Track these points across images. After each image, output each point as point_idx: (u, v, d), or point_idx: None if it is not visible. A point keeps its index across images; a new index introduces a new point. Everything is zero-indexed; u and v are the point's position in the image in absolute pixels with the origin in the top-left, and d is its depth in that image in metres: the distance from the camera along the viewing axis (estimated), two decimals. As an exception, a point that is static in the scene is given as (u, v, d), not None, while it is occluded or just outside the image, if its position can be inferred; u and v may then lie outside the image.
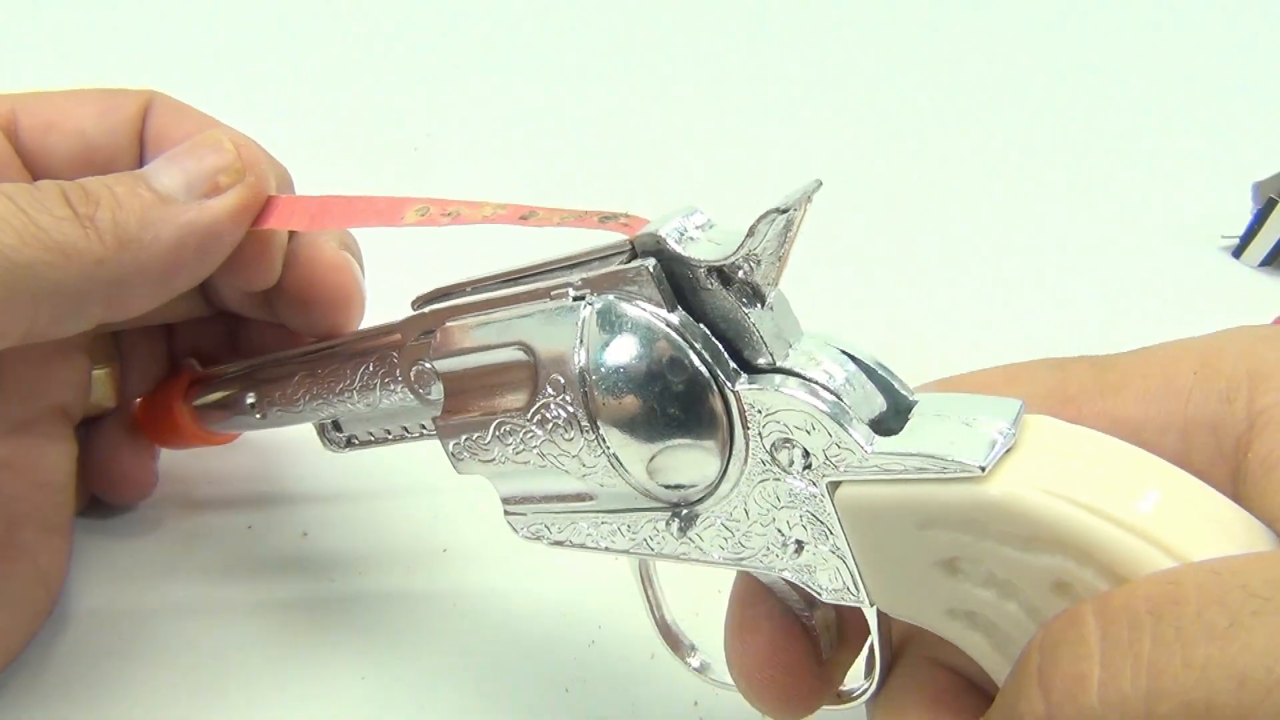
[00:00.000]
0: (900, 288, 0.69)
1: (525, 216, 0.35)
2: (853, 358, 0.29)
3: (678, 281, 0.30)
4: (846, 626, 0.35)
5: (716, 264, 0.29)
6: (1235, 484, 0.27)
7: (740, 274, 0.29)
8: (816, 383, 0.28)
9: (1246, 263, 0.72)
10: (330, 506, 0.51)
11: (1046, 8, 1.11)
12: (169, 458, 0.51)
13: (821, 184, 0.27)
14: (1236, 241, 0.73)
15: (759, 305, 0.29)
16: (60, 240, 0.35)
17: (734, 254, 0.28)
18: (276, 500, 0.52)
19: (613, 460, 0.31)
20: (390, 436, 0.43)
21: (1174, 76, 0.97)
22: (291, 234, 0.43)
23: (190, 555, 0.49)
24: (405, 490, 0.51)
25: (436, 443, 0.36)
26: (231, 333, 0.49)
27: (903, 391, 0.29)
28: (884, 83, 0.96)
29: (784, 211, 0.27)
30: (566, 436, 0.32)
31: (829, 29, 1.06)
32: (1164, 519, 0.25)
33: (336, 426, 0.44)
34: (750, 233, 0.27)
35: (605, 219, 0.33)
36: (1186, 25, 1.07)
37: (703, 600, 0.41)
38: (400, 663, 0.44)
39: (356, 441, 0.44)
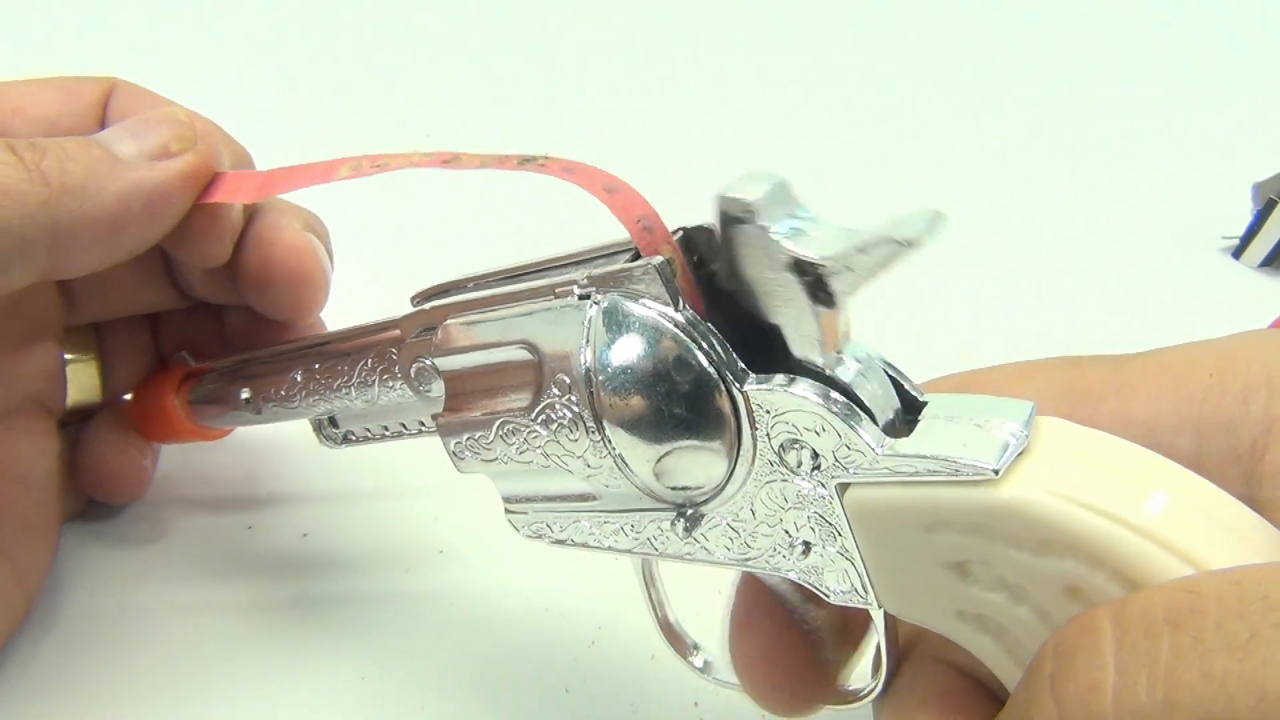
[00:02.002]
0: (899, 287, 0.68)
1: (448, 160, 0.35)
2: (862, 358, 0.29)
3: (703, 256, 0.30)
4: (851, 623, 0.34)
5: (811, 260, 0.27)
6: (1249, 487, 0.27)
7: (819, 275, 0.27)
8: (829, 382, 0.28)
9: (1246, 263, 0.72)
10: (331, 507, 0.51)
11: (1047, 8, 1.11)
12: (170, 459, 0.51)
13: (946, 219, 0.25)
14: (1237, 242, 0.72)
15: (828, 306, 0.28)
16: (2, 181, 0.35)
17: (833, 257, 0.27)
18: (277, 500, 0.51)
19: (618, 461, 0.31)
20: (388, 433, 0.42)
21: (1174, 77, 0.97)
22: (254, 216, 0.43)
23: (190, 555, 0.48)
24: (406, 490, 0.51)
25: (438, 442, 0.36)
26: (218, 326, 0.49)
27: (912, 392, 0.29)
28: (884, 83, 0.96)
29: (908, 245, 0.25)
30: (571, 437, 0.31)
31: (831, 29, 1.06)
32: (1178, 523, 0.24)
33: (333, 423, 0.44)
34: (861, 250, 0.26)
35: (524, 160, 0.33)
36: (1187, 26, 1.07)
37: (704, 600, 0.41)
38: (401, 663, 0.44)
39: (353, 438, 0.44)
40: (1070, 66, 1.00)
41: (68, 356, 0.46)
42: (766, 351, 0.29)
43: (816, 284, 0.28)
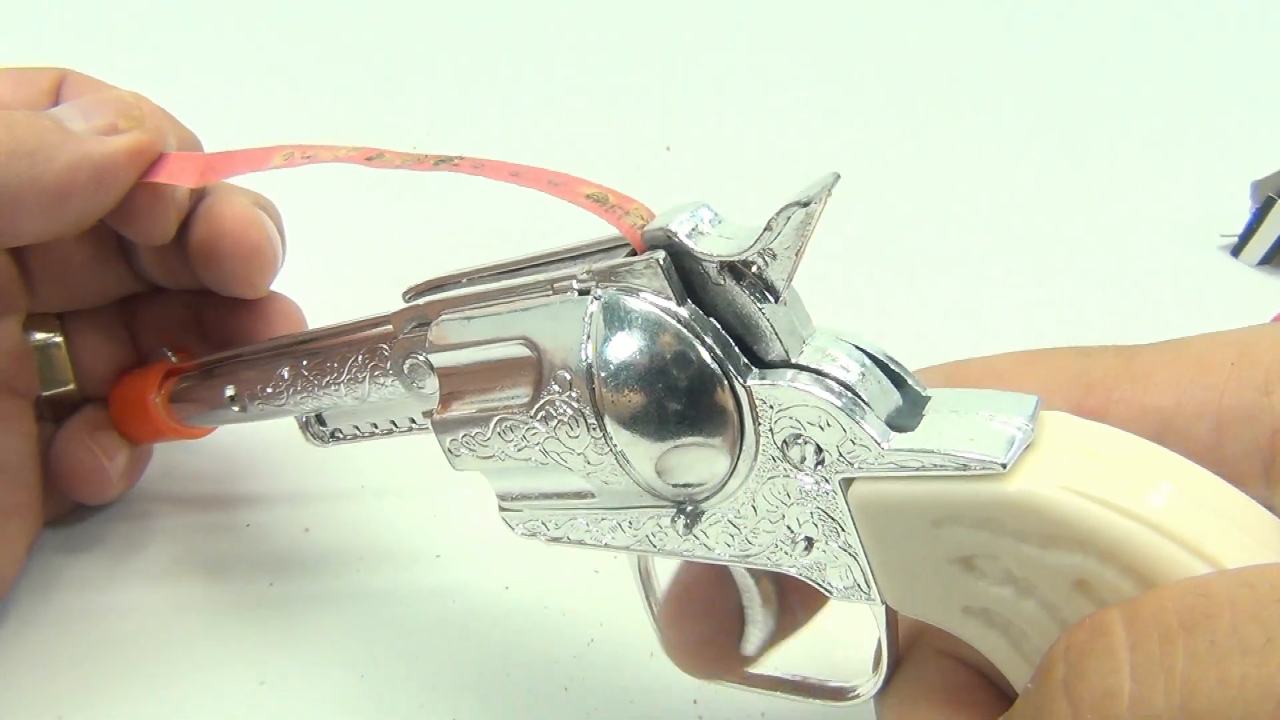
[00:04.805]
0: (900, 285, 0.69)
1: (371, 158, 0.36)
2: (866, 352, 0.29)
3: (687, 276, 0.29)
4: (782, 623, 0.35)
5: (730, 259, 0.28)
6: (1268, 478, 0.27)
7: (754, 269, 0.28)
8: (831, 378, 0.28)
9: (1245, 261, 0.72)
10: (330, 505, 0.51)
11: (1049, 8, 1.11)
12: (168, 456, 0.51)
13: (839, 177, 0.26)
14: (1235, 240, 0.73)
15: (773, 300, 0.28)
16: None
17: (749, 249, 0.27)
18: (276, 498, 0.51)
19: (620, 458, 0.30)
20: (378, 430, 0.42)
21: (1173, 76, 0.97)
22: (202, 195, 0.45)
23: (189, 553, 0.48)
24: (405, 488, 0.51)
25: (437, 439, 0.35)
26: (197, 318, 0.49)
27: (915, 386, 0.29)
28: (886, 83, 0.96)
29: (804, 205, 0.26)
30: (572, 434, 0.31)
31: (834, 27, 1.05)
32: (1187, 517, 0.24)
33: (320, 420, 0.43)
34: (767, 227, 0.27)
35: (440, 162, 0.34)
36: (1186, 25, 1.07)
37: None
38: (399, 661, 0.43)
39: (341, 436, 0.43)
40: (1071, 66, 1.00)
41: (36, 336, 0.46)
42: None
43: (754, 283, 0.28)
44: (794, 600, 0.35)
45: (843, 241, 0.68)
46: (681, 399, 0.29)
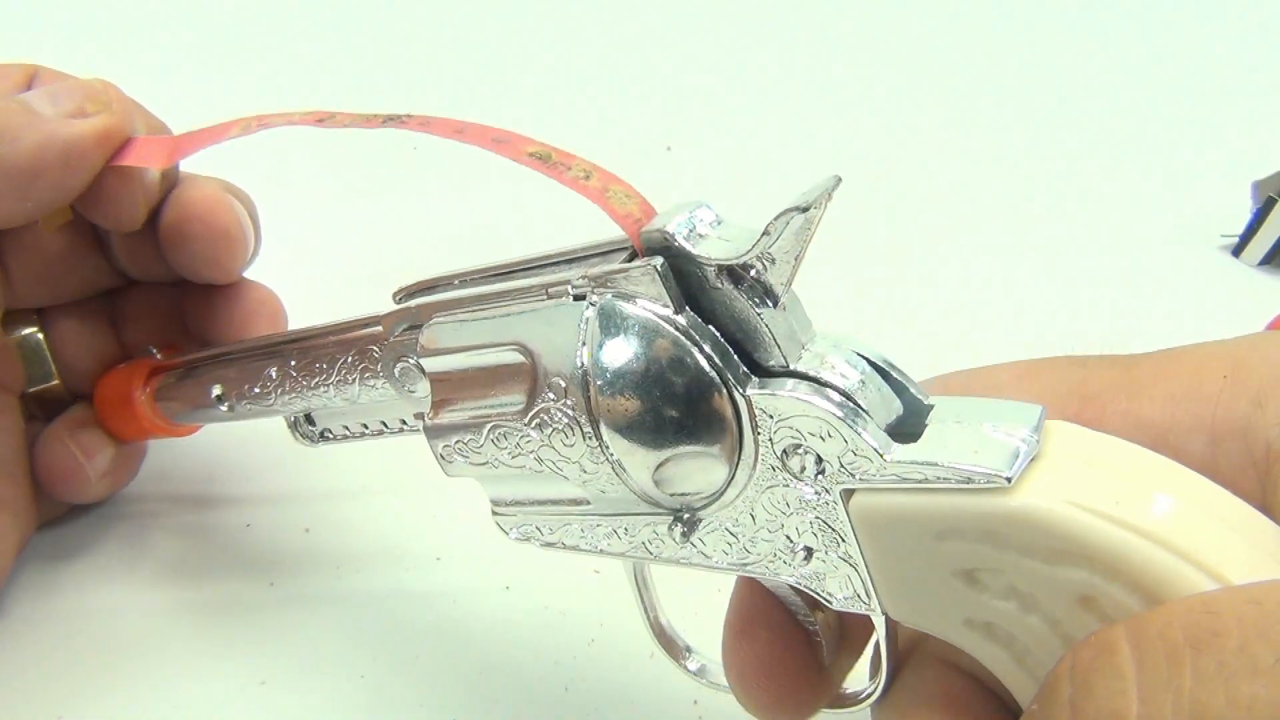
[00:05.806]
0: (899, 286, 0.69)
1: (322, 119, 0.36)
2: (866, 359, 0.28)
3: (685, 279, 0.29)
4: (850, 628, 0.34)
5: (728, 263, 0.27)
6: (1264, 491, 0.27)
7: (752, 273, 0.28)
8: (831, 386, 0.27)
9: (1246, 261, 0.72)
10: (330, 505, 0.51)
11: (1050, 9, 1.10)
12: (167, 455, 0.51)
13: (841, 181, 0.26)
14: (1236, 240, 0.73)
15: (771, 305, 0.28)
16: None
17: (748, 253, 0.27)
18: (276, 498, 0.51)
19: (616, 467, 0.30)
20: (368, 431, 0.42)
21: (1173, 76, 0.97)
22: (174, 184, 0.45)
23: (189, 553, 0.48)
24: (406, 488, 0.51)
25: (429, 444, 0.35)
26: (177, 311, 0.49)
27: (917, 394, 0.28)
28: (886, 83, 0.96)
29: (803, 210, 0.26)
30: (567, 442, 0.30)
31: (835, 27, 1.05)
32: (1195, 532, 0.24)
33: (309, 420, 0.43)
34: (766, 231, 0.26)
35: (389, 119, 0.34)
36: (1187, 25, 1.07)
37: (701, 599, 0.41)
38: (399, 661, 0.44)
39: (331, 436, 0.43)
40: (1070, 66, 1.00)
41: (15, 332, 0.47)
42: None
43: (753, 288, 0.28)
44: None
45: (841, 243, 0.68)
46: (679, 407, 0.28)
